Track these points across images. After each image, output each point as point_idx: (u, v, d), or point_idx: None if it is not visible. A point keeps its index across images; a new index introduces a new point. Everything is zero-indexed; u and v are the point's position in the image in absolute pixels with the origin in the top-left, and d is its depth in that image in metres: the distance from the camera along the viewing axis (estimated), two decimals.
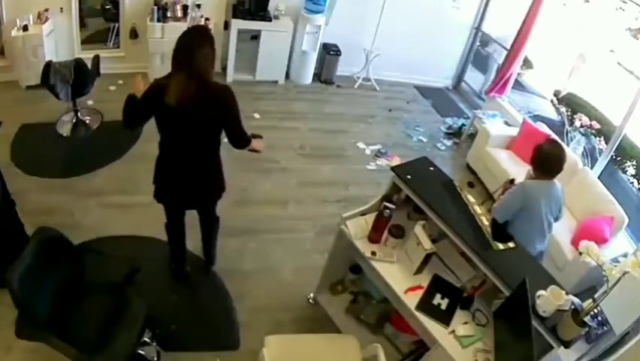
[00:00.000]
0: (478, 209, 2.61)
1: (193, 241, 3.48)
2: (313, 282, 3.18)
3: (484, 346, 2.30)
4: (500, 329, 2.27)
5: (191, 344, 2.91)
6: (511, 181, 3.20)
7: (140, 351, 2.56)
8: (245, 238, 3.70)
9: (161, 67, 5.26)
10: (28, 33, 4.50)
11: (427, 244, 2.46)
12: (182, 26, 5.06)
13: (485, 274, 2.36)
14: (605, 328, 2.18)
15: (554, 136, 4.73)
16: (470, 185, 4.91)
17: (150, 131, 2.68)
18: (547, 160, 2.86)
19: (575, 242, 3.81)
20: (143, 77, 2.67)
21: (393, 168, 2.75)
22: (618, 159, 5.44)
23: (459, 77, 6.91)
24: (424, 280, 2.56)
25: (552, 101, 6.58)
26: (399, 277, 2.54)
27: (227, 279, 3.34)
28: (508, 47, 5.72)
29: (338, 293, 3.20)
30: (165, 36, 5.04)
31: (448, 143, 5.59)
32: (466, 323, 2.40)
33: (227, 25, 5.47)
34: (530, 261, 2.49)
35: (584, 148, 5.25)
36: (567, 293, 2.11)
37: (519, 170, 4.57)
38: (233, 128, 2.50)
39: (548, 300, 2.09)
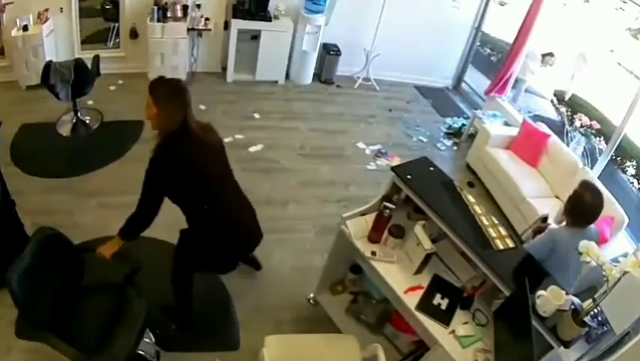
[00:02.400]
0: (478, 209, 2.61)
1: None
2: (313, 282, 3.18)
3: (484, 346, 2.30)
4: (500, 329, 2.27)
5: (191, 344, 2.91)
6: (544, 220, 2.97)
7: (140, 351, 2.56)
8: None
9: (161, 67, 5.26)
10: (28, 33, 4.50)
11: (427, 244, 2.46)
12: (182, 26, 5.08)
13: (485, 274, 2.36)
14: (605, 328, 2.18)
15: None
16: (470, 185, 4.91)
17: (149, 132, 2.68)
18: (583, 212, 2.64)
19: None
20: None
21: (393, 168, 2.74)
22: (618, 159, 5.45)
23: (459, 77, 6.91)
24: (424, 280, 2.56)
25: (552, 101, 6.58)
26: (399, 277, 2.54)
27: (227, 279, 3.34)
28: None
29: (338, 293, 3.20)
30: (165, 36, 5.05)
31: (448, 143, 5.59)
32: (466, 323, 2.40)
33: (227, 25, 5.47)
34: (530, 261, 2.49)
35: (584, 148, 5.26)
36: (567, 293, 2.11)
37: (519, 170, 4.58)
38: None
39: (548, 300, 2.09)
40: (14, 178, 3.49)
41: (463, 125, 5.79)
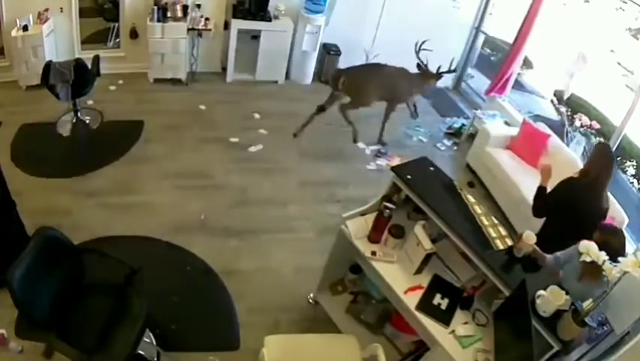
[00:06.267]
0: (478, 209, 2.61)
1: (198, 245, 3.51)
2: (313, 282, 3.18)
3: (484, 346, 2.30)
4: (500, 329, 2.27)
5: (191, 344, 2.91)
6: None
7: (140, 351, 2.56)
8: (245, 238, 3.70)
9: (161, 67, 5.26)
10: (28, 33, 4.50)
11: (427, 244, 2.46)
12: (182, 26, 5.08)
13: (485, 274, 2.36)
14: (605, 328, 2.18)
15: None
16: (470, 185, 4.91)
17: (149, 132, 2.68)
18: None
19: None
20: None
21: (393, 168, 2.75)
22: (618, 159, 5.44)
23: (459, 77, 6.91)
24: (424, 280, 2.56)
25: (552, 101, 6.57)
26: (399, 277, 2.54)
27: (227, 279, 3.34)
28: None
29: (338, 293, 3.20)
30: (165, 36, 5.04)
31: (448, 143, 5.59)
32: (466, 323, 2.40)
33: (227, 25, 5.47)
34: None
35: (584, 148, 5.25)
36: (567, 293, 2.11)
37: (519, 170, 4.57)
38: None
39: (548, 300, 2.09)
40: (14, 178, 3.49)
41: (463, 125, 5.79)
